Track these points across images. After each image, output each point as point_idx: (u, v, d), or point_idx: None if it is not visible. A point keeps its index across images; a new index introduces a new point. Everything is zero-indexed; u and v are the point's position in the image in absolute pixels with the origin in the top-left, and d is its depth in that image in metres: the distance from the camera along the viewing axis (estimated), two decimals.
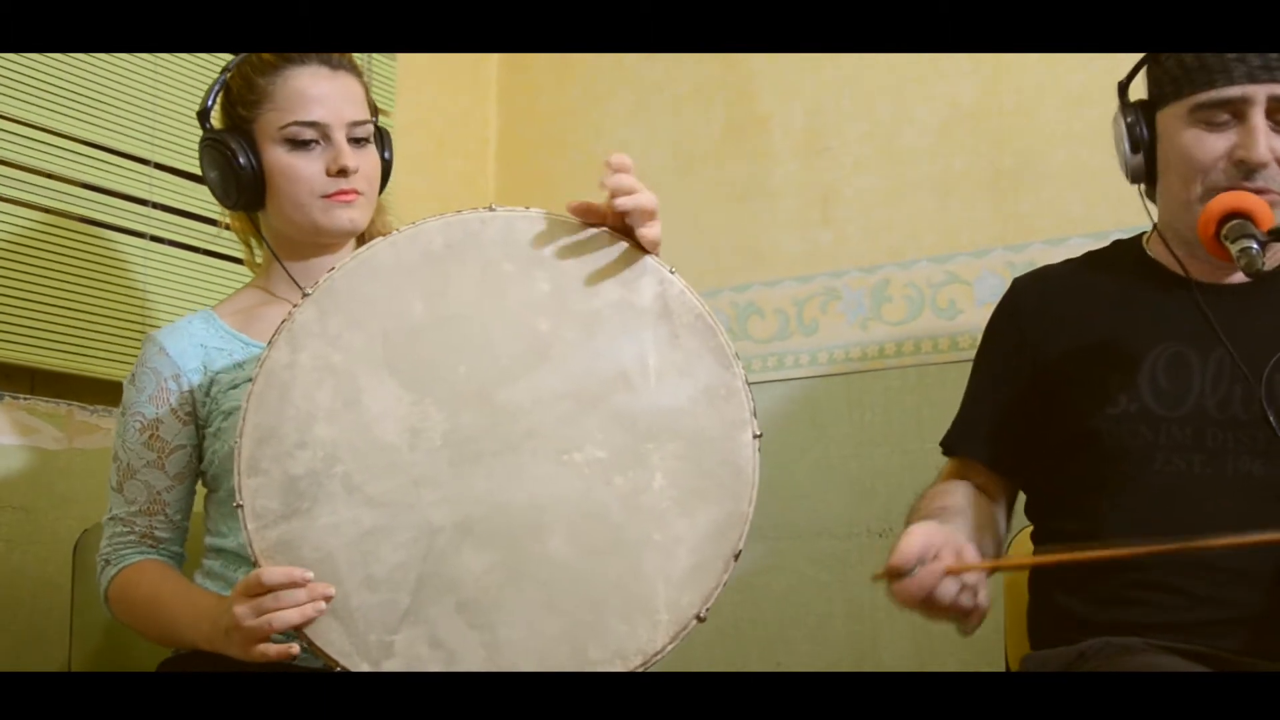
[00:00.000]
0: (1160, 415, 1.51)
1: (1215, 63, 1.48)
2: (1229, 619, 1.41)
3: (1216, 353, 1.52)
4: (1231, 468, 1.47)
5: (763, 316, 2.51)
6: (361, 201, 1.66)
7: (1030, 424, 1.63)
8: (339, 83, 1.66)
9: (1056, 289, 1.68)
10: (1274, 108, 1.47)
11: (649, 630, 1.35)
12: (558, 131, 2.86)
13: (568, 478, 1.37)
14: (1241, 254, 1.33)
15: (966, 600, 1.33)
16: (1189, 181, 1.52)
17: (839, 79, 2.51)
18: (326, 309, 1.38)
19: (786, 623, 2.38)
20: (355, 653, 1.34)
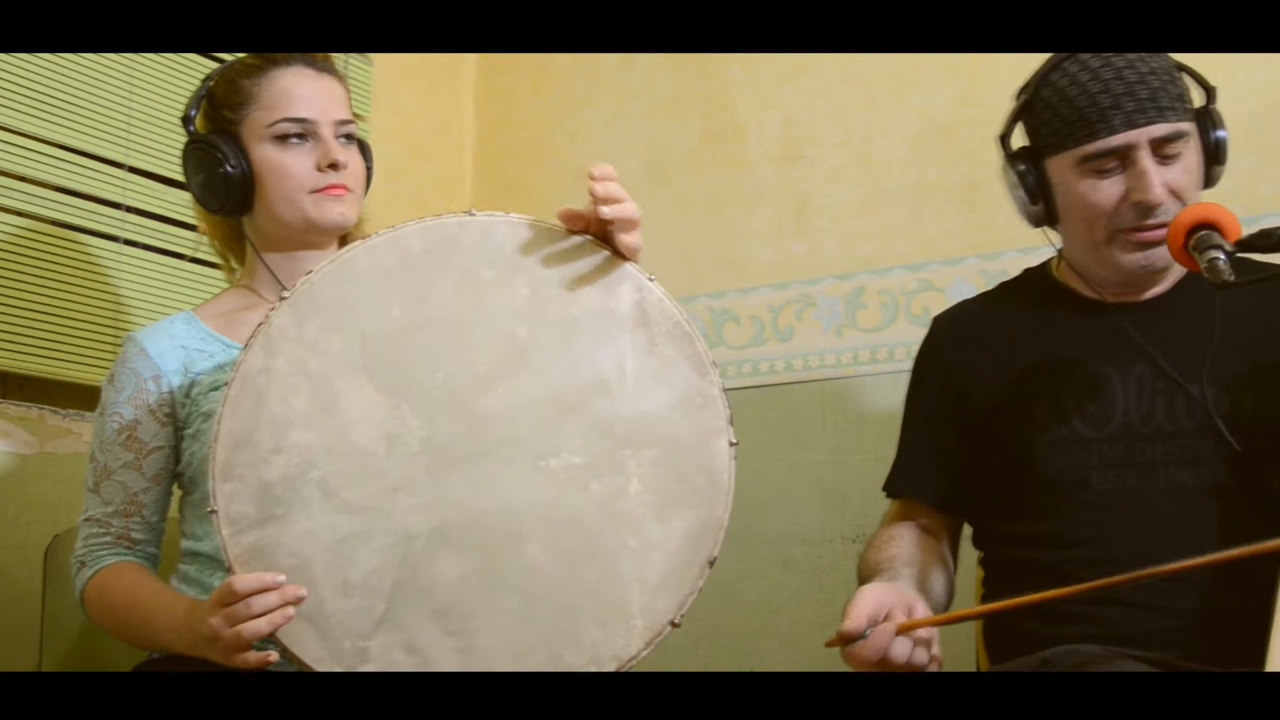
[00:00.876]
0: (1089, 437, 1.54)
1: (1093, 114, 1.51)
2: (1174, 626, 1.43)
3: (1135, 369, 1.55)
4: (1164, 479, 1.50)
5: (738, 323, 2.52)
6: (350, 198, 1.66)
7: (967, 459, 1.66)
8: (323, 83, 1.67)
9: (975, 323, 1.72)
10: (1157, 146, 1.50)
11: (624, 635, 1.35)
12: (534, 138, 2.87)
13: (544, 484, 1.37)
14: (1209, 264, 1.35)
15: (921, 657, 1.34)
16: (1092, 227, 1.55)
17: (815, 89, 2.52)
18: (304, 313, 1.37)
19: (760, 628, 2.39)
20: (330, 658, 1.33)
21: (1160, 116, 1.50)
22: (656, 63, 2.71)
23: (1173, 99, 1.51)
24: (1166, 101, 1.50)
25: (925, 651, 1.34)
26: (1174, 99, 1.52)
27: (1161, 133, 1.50)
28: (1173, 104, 1.51)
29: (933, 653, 1.35)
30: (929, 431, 1.71)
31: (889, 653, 1.32)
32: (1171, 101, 1.51)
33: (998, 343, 1.67)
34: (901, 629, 1.32)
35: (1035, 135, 1.61)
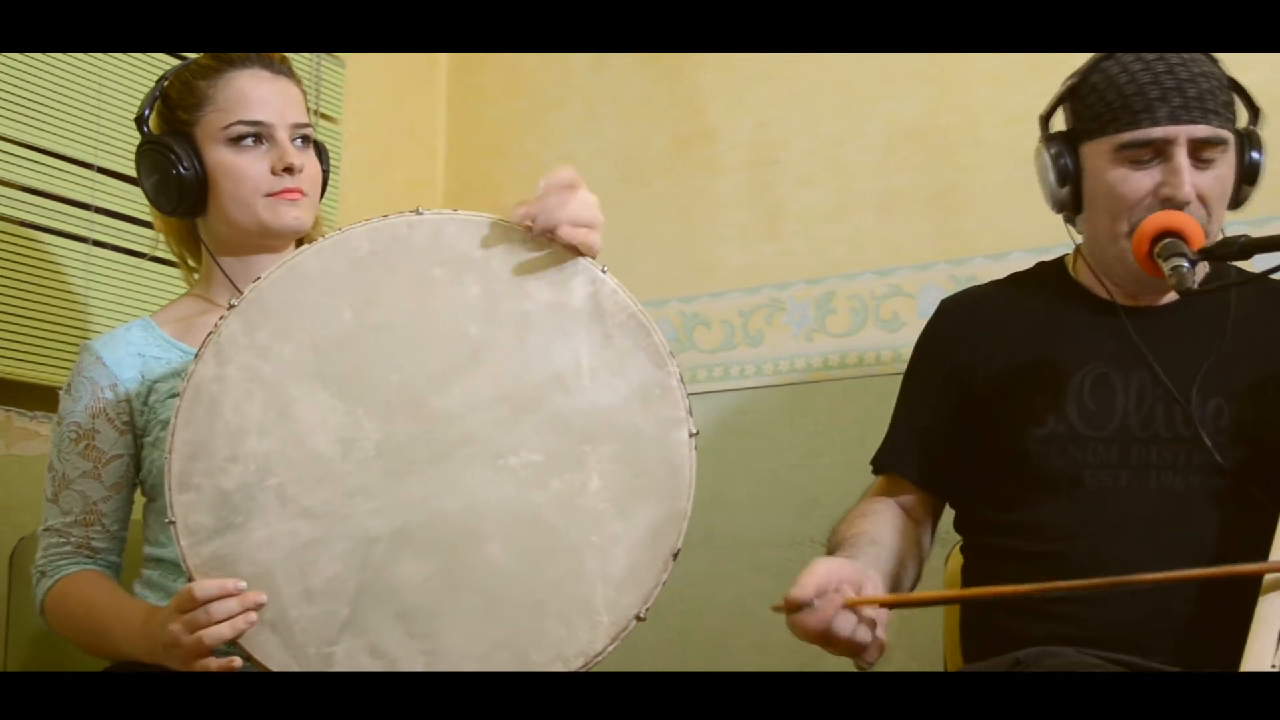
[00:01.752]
0: (1086, 435, 1.54)
1: (1138, 102, 1.52)
2: (1153, 629, 1.43)
3: (1139, 374, 1.56)
4: (1154, 482, 1.51)
5: (709, 327, 2.53)
6: (306, 202, 1.65)
7: (958, 443, 1.66)
8: (279, 85, 1.66)
9: (983, 310, 1.72)
10: (1195, 148, 1.51)
11: (589, 632, 1.36)
12: (506, 140, 2.86)
13: (504, 482, 1.37)
14: (1173, 272, 1.36)
15: (864, 635, 1.34)
16: (1116, 218, 1.55)
17: (786, 94, 2.53)
18: (253, 320, 1.36)
19: (730, 632, 2.40)
20: (295, 665, 1.33)
21: (1204, 118, 1.51)
22: (629, 66, 2.72)
23: (1219, 105, 1.52)
24: (1213, 106, 1.51)
25: (869, 631, 1.34)
26: (1220, 105, 1.53)
27: (1202, 134, 1.51)
28: (1219, 110, 1.52)
29: (877, 634, 1.35)
30: (924, 411, 1.71)
31: (832, 625, 1.32)
32: (1218, 107, 1.52)
33: (1004, 331, 1.67)
34: (849, 604, 1.32)
35: (1077, 119, 1.61)
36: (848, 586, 1.34)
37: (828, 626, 1.32)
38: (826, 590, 1.32)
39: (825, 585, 1.33)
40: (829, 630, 1.32)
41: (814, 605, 1.31)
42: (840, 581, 1.34)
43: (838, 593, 1.33)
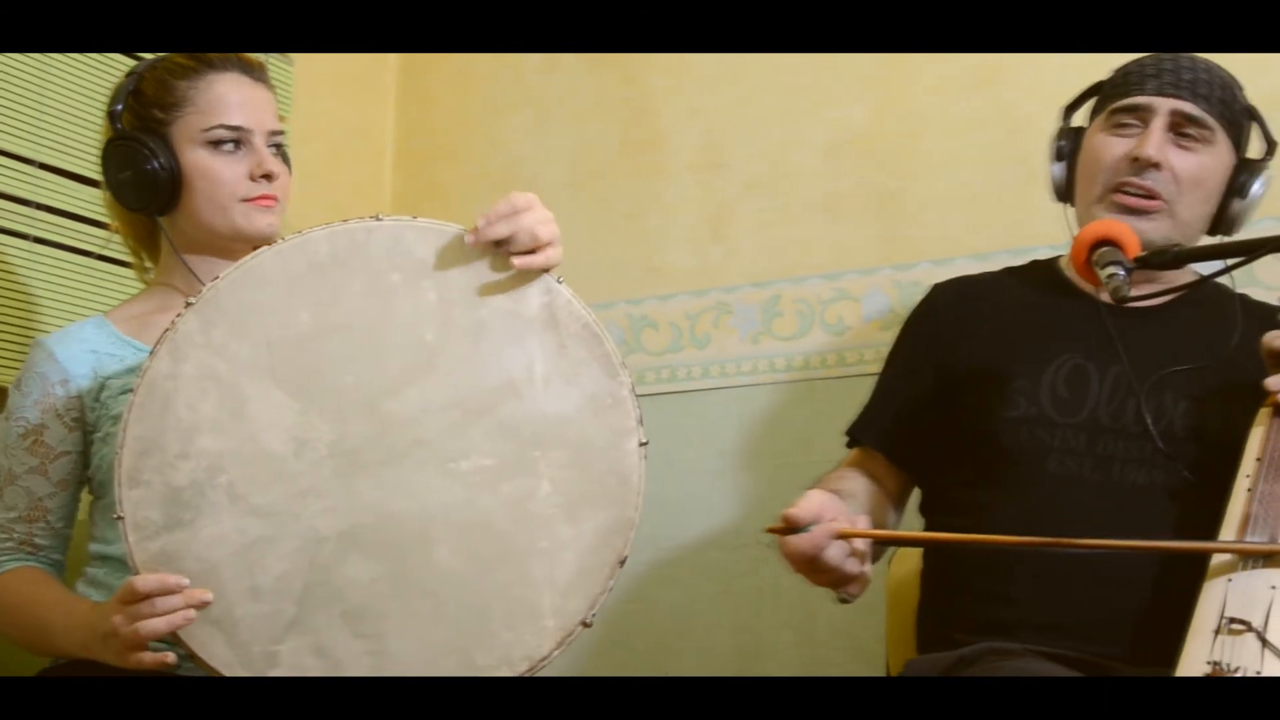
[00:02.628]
0: (1056, 421, 1.58)
1: (1134, 76, 1.62)
2: (1104, 621, 1.46)
3: (1115, 368, 1.59)
4: (1118, 475, 1.54)
5: (656, 329, 2.54)
6: (278, 209, 1.66)
7: (933, 421, 1.69)
8: (258, 92, 1.67)
9: (973, 296, 1.76)
10: (1177, 122, 1.58)
11: (535, 636, 1.37)
12: (455, 143, 2.86)
13: (455, 487, 1.38)
14: (1109, 279, 1.39)
15: (853, 565, 1.35)
16: (1092, 181, 1.63)
17: (735, 100, 2.55)
18: (210, 319, 1.37)
19: (674, 633, 2.41)
20: (238, 663, 1.34)
21: (1191, 98, 1.58)
22: (579, 69, 2.73)
23: (1213, 96, 1.60)
24: (1204, 91, 1.59)
25: (858, 563, 1.36)
26: (1215, 98, 1.60)
27: (1184, 109, 1.58)
28: (1210, 98, 1.59)
29: (864, 568, 1.37)
30: (903, 387, 1.75)
31: (824, 552, 1.33)
32: (1210, 95, 1.59)
33: (990, 317, 1.71)
34: (842, 533, 1.34)
35: (1091, 110, 1.71)
36: (842, 519, 1.36)
37: (820, 552, 1.33)
38: (822, 518, 1.34)
39: (821, 513, 1.34)
40: (820, 556, 1.33)
41: (809, 529, 1.32)
42: (835, 512, 1.36)
43: (832, 521, 1.34)
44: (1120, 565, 1.46)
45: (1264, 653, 1.15)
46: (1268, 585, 1.23)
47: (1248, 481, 1.37)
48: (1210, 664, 1.16)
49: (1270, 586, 1.23)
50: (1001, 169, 2.24)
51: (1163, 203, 1.58)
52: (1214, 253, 1.41)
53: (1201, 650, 1.19)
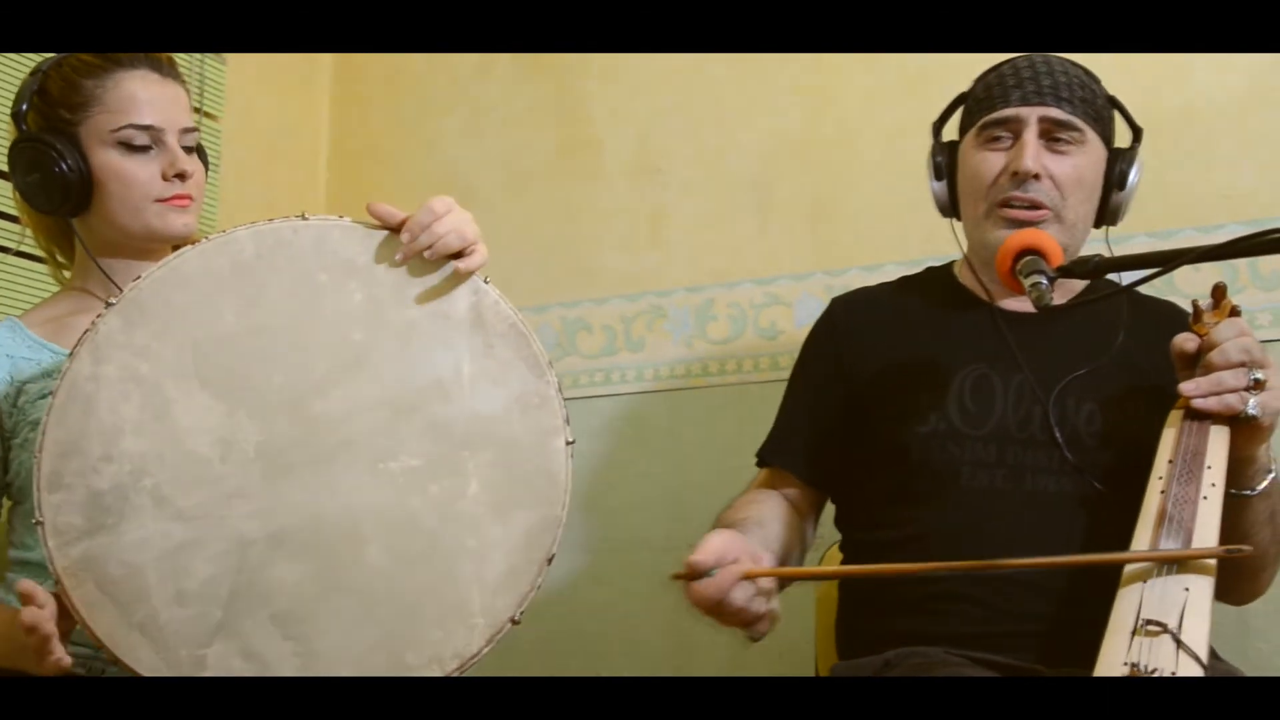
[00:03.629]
0: (966, 434, 1.59)
1: (997, 90, 1.63)
2: (1024, 631, 1.48)
3: (1017, 376, 1.61)
4: (1030, 483, 1.56)
5: (590, 332, 2.55)
6: (194, 208, 1.63)
7: (843, 438, 1.69)
8: (169, 89, 1.63)
9: (872, 309, 1.77)
10: (1046, 129, 1.60)
11: (465, 635, 1.37)
12: (391, 144, 2.85)
13: (383, 487, 1.37)
14: (1033, 288, 1.41)
15: (759, 605, 1.36)
16: (976, 198, 1.64)
17: (669, 105, 2.56)
18: (132, 319, 1.35)
19: (605, 634, 2.41)
20: (166, 668, 1.32)
21: (1056, 103, 1.60)
22: (514, 72, 2.73)
23: (1076, 98, 1.61)
24: (1067, 94, 1.60)
25: (764, 601, 1.36)
26: (1078, 99, 1.61)
27: (1052, 114, 1.59)
28: (1073, 100, 1.61)
29: (771, 605, 1.37)
30: (810, 406, 1.75)
31: (729, 595, 1.33)
32: (1072, 97, 1.61)
33: (891, 331, 1.72)
34: (747, 574, 1.34)
35: (960, 124, 1.72)
36: (745, 559, 1.36)
37: (725, 595, 1.33)
38: (724, 560, 1.34)
39: (723, 555, 1.34)
40: (725, 599, 1.33)
41: (712, 574, 1.32)
42: (737, 554, 1.36)
43: (736, 563, 1.34)
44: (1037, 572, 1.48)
45: (1179, 653, 1.18)
46: (1182, 587, 1.26)
47: (1161, 484, 1.39)
48: (1128, 665, 1.18)
49: (1184, 589, 1.25)
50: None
51: (1048, 210, 1.60)
52: (1134, 262, 1.43)
53: (1119, 652, 1.20)
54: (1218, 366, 1.42)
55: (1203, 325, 1.49)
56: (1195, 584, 1.26)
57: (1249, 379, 1.41)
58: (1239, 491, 1.44)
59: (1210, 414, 1.42)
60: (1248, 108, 2.09)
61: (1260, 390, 1.40)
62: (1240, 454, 1.42)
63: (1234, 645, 1.88)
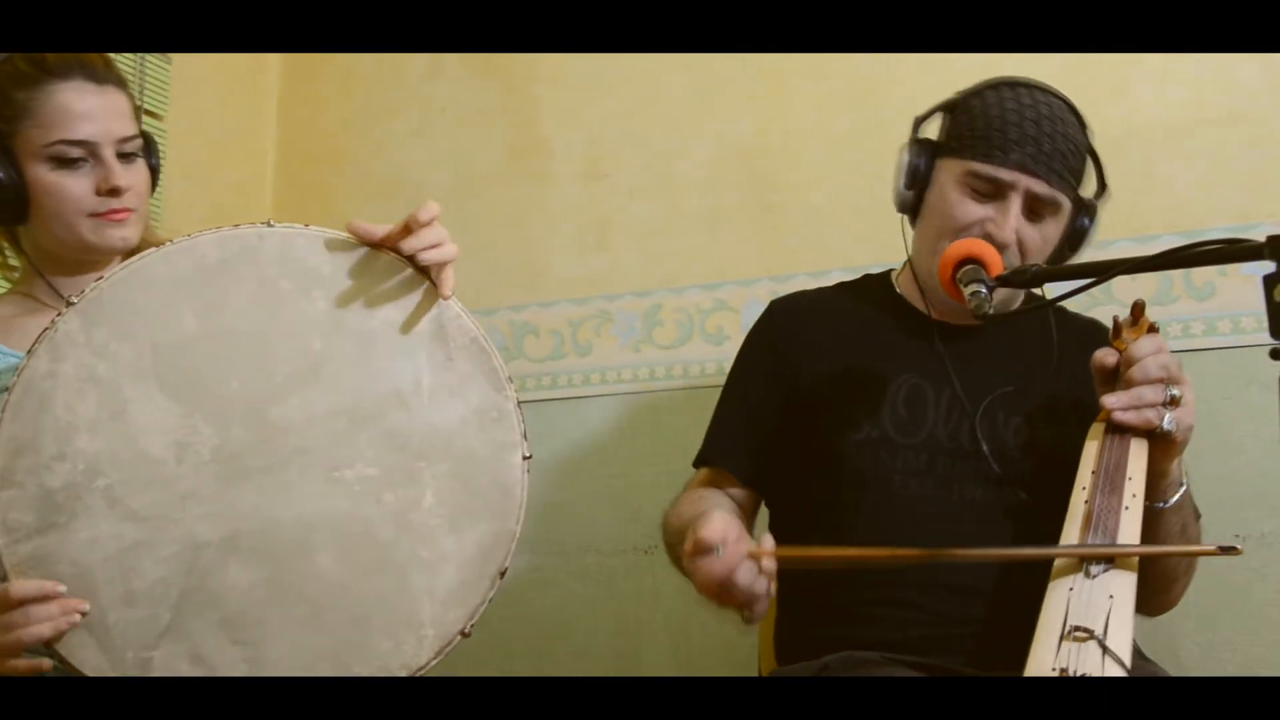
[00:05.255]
0: (899, 442, 1.62)
1: (998, 139, 1.60)
2: (956, 634, 1.52)
3: (949, 388, 1.65)
4: (957, 493, 1.60)
5: (538, 336, 2.56)
6: (133, 219, 1.61)
7: (779, 441, 1.72)
8: (106, 98, 1.58)
9: (811, 314, 1.79)
10: (1030, 200, 1.60)
11: (414, 646, 1.37)
12: (338, 146, 2.84)
13: (337, 495, 1.37)
14: (972, 296, 1.44)
15: (761, 586, 1.35)
16: (941, 234, 1.64)
17: (619, 110, 2.58)
18: (92, 319, 1.35)
19: (553, 637, 2.43)
20: (111, 669, 1.32)
21: (1048, 176, 1.59)
22: (463, 75, 2.73)
23: (1067, 168, 1.61)
24: (1060, 168, 1.60)
25: (766, 582, 1.35)
26: (1070, 170, 1.62)
27: (1040, 191, 1.59)
28: (1065, 175, 1.61)
29: (770, 587, 1.37)
30: (748, 409, 1.76)
31: (735, 573, 1.33)
32: (1065, 172, 1.61)
33: (828, 337, 1.74)
34: (752, 554, 1.34)
35: (946, 133, 1.69)
36: (745, 539, 1.36)
37: (731, 573, 1.33)
38: (729, 539, 1.34)
39: (728, 534, 1.34)
40: (730, 579, 1.33)
41: (719, 551, 1.33)
42: (739, 532, 1.36)
43: (739, 542, 1.35)
44: (966, 577, 1.53)
45: (1105, 658, 1.21)
46: (1107, 594, 1.30)
47: (1085, 493, 1.43)
48: (1056, 670, 1.21)
49: (1109, 595, 1.30)
50: (877, 184, 2.29)
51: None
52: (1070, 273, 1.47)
53: (1047, 656, 1.24)
54: (1138, 382, 1.47)
55: (1122, 341, 1.53)
56: (1119, 591, 1.30)
57: (1166, 395, 1.45)
58: (1153, 504, 1.48)
59: (1130, 427, 1.46)
60: (1185, 122, 2.14)
61: (1176, 406, 1.45)
62: (1155, 467, 1.47)
63: (1165, 647, 1.94)
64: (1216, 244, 1.25)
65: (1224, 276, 2.07)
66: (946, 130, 1.70)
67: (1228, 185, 2.10)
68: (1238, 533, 1.98)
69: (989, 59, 2.09)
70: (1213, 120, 2.12)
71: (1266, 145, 2.08)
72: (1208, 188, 2.11)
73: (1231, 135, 2.11)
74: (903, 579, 1.54)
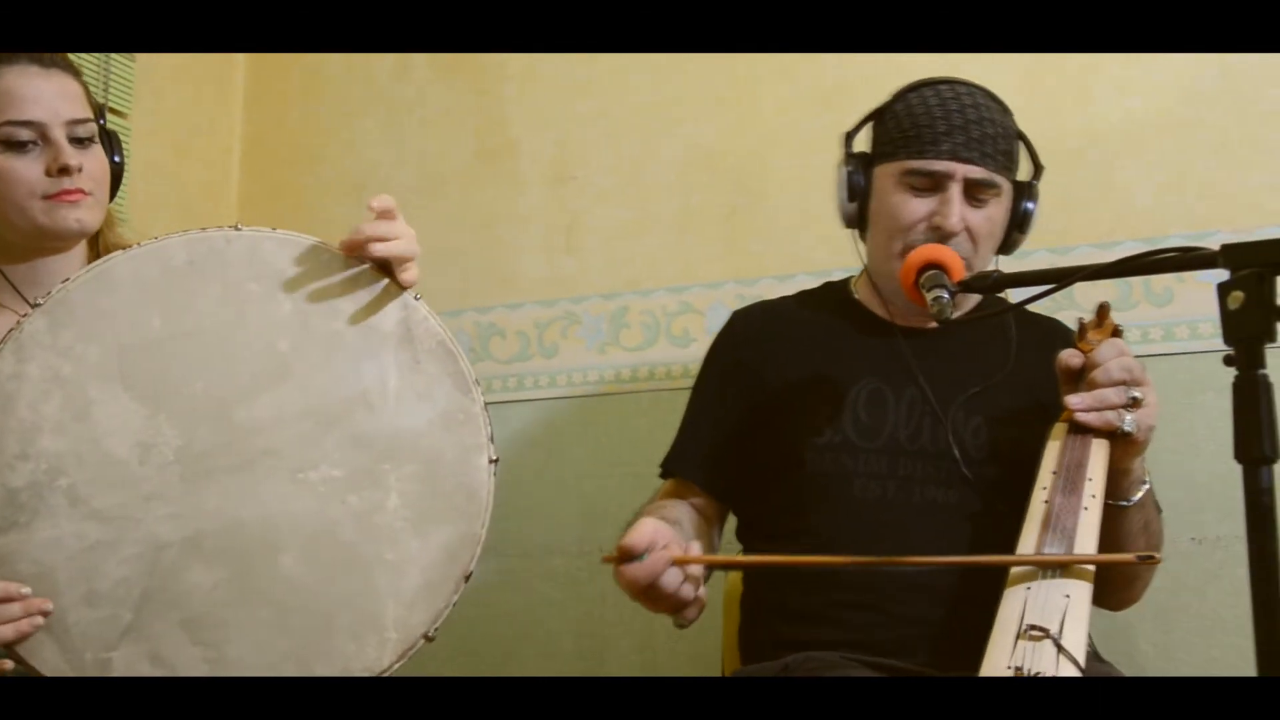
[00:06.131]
0: (860, 446, 1.64)
1: (928, 134, 1.65)
2: (915, 635, 1.54)
3: (909, 391, 1.67)
4: (919, 494, 1.62)
5: (504, 338, 2.56)
6: (89, 202, 1.59)
7: (743, 449, 1.74)
8: (53, 81, 1.58)
9: (771, 322, 1.82)
10: (969, 186, 1.64)
11: (377, 648, 1.38)
12: (306, 145, 2.83)
13: (302, 496, 1.38)
14: (934, 301, 1.46)
15: (688, 591, 1.38)
16: (892, 238, 1.68)
17: (588, 112, 2.58)
18: (58, 320, 1.35)
19: (518, 639, 2.43)
20: (70, 670, 1.32)
21: (982, 161, 1.63)
22: (431, 76, 2.73)
23: (999, 153, 1.65)
24: (992, 152, 1.64)
25: (693, 588, 1.39)
26: (1001, 153, 1.65)
27: (977, 175, 1.63)
28: (997, 157, 1.65)
29: (699, 593, 1.40)
30: (712, 418, 1.78)
31: (660, 579, 1.35)
32: (997, 154, 1.65)
33: (790, 344, 1.76)
34: (677, 560, 1.37)
35: (876, 142, 1.73)
36: (675, 546, 1.39)
37: (656, 579, 1.35)
38: (655, 546, 1.36)
39: (654, 540, 1.37)
40: (656, 584, 1.36)
41: (644, 557, 1.35)
42: (667, 539, 1.38)
43: (666, 549, 1.37)
44: (925, 578, 1.54)
45: (1059, 658, 1.23)
46: (1062, 594, 1.32)
47: (1044, 494, 1.45)
48: (1012, 669, 1.23)
49: (1065, 595, 1.31)
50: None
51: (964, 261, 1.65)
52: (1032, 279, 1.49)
53: (1003, 656, 1.25)
54: (1101, 383, 1.49)
55: (1087, 343, 1.56)
56: (1075, 592, 1.32)
57: (1128, 396, 1.47)
58: (1116, 502, 1.51)
59: (1092, 428, 1.49)
60: (1145, 131, 2.17)
61: (1138, 408, 1.47)
62: (1118, 467, 1.49)
63: (1122, 649, 1.96)
64: (1173, 252, 1.27)
65: (1182, 283, 2.10)
66: (876, 138, 1.74)
67: (1187, 193, 2.13)
68: (1194, 535, 2.02)
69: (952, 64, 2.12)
70: (1172, 129, 2.15)
71: (1224, 154, 2.12)
72: (1167, 195, 2.14)
73: (1190, 144, 2.14)
74: (863, 581, 1.55)
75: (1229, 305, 1.06)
